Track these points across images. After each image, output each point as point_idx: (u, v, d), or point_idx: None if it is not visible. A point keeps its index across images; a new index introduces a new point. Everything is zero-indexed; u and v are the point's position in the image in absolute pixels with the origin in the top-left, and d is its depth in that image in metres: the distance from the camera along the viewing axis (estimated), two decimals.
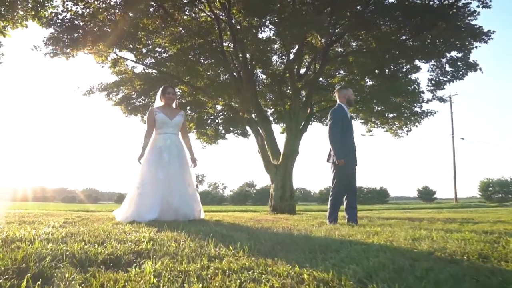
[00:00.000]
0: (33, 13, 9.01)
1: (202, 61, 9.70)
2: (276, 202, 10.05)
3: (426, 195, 76.27)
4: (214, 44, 9.46)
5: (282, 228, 4.20)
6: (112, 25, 8.03)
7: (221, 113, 13.94)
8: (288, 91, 11.13)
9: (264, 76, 13.10)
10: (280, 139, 10.95)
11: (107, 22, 8.11)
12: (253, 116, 10.61)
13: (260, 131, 10.29)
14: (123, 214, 4.68)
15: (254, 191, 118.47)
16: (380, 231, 3.70)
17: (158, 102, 5.37)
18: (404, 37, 8.66)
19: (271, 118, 12.82)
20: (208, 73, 10.11)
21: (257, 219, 5.99)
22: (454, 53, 10.01)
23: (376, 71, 10.86)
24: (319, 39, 7.88)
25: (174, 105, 5.46)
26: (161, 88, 5.35)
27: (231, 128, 14.53)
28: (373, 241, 3.01)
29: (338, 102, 5.40)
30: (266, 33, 14.36)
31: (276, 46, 12.11)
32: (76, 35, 8.07)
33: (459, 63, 10.12)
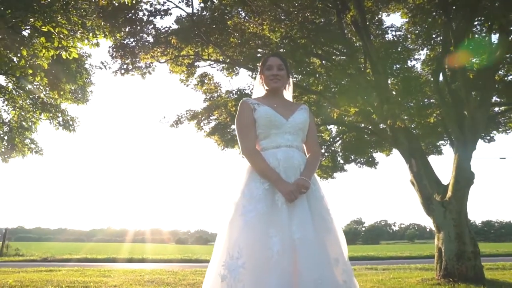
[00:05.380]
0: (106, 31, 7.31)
1: (320, 47, 6.67)
2: (451, 263, 6.18)
3: None
4: (332, 27, 6.52)
5: None
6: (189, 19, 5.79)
7: (338, 138, 10.70)
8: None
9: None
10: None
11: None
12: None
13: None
14: None
15: (363, 228, 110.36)
16: None
17: (258, 89, 2.51)
18: None
19: None
20: (328, 72, 7.03)
21: None
22: None
23: None
24: None
25: (288, 96, 2.51)
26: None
27: (352, 157, 11.12)
28: None
29: None
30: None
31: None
32: (145, 36, 6.05)
33: None
